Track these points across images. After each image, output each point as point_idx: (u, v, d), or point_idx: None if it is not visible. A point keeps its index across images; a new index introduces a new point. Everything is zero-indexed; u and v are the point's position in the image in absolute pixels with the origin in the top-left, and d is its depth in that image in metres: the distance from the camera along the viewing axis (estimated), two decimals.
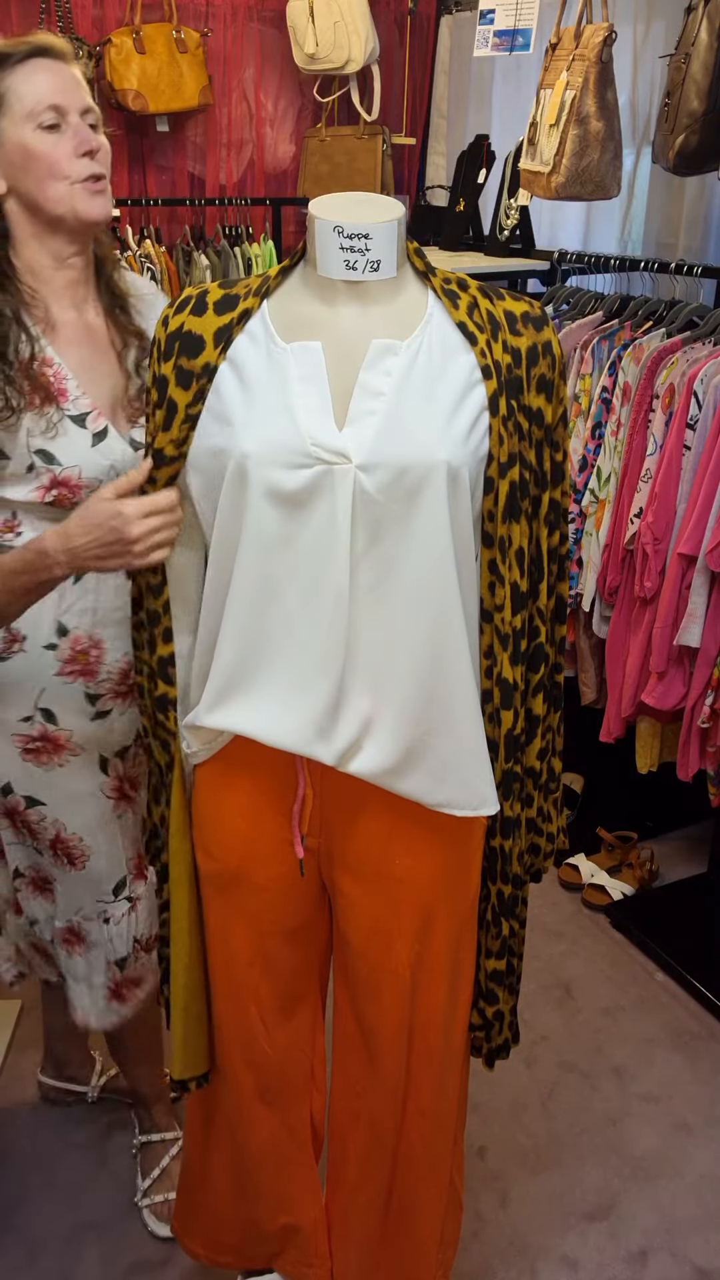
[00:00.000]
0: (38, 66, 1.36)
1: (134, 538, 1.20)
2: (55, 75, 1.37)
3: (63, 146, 1.36)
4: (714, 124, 2.17)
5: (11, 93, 1.36)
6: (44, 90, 1.35)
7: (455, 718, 1.22)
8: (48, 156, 1.36)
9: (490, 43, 2.75)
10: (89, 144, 1.36)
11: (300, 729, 1.21)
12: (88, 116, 1.39)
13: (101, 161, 1.39)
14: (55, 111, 1.36)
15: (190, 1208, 1.60)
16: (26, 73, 1.36)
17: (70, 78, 1.39)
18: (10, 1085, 2.10)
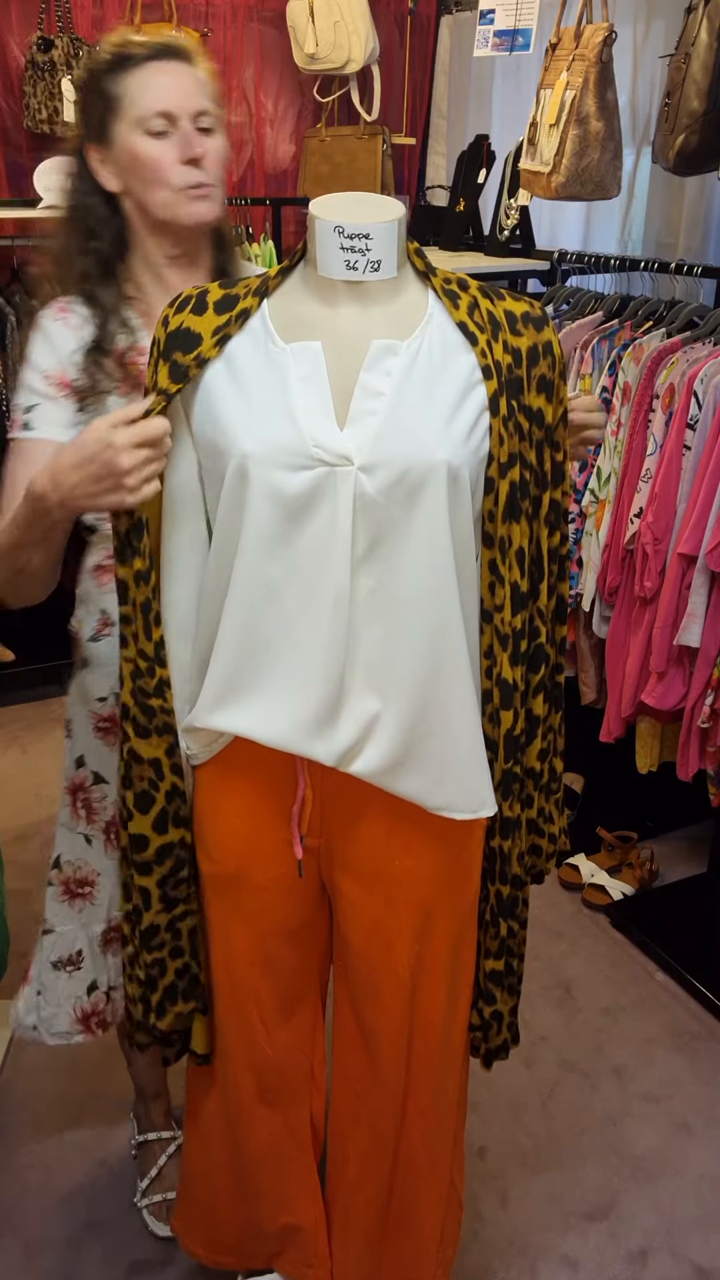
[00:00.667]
0: (155, 70, 1.35)
1: (125, 469, 1.15)
2: (171, 79, 1.35)
3: (168, 154, 1.35)
4: (714, 124, 2.17)
5: (126, 96, 1.35)
6: (156, 96, 1.34)
7: (454, 720, 1.22)
8: (152, 163, 1.35)
9: (490, 43, 2.75)
10: (192, 151, 1.34)
11: (300, 730, 1.21)
12: (201, 120, 1.36)
13: (208, 167, 1.37)
14: (164, 118, 1.34)
15: (190, 1208, 1.60)
16: (143, 77, 1.34)
17: (188, 81, 1.36)
18: (10, 1085, 2.10)
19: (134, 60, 1.35)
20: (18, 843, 2.85)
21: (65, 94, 3.16)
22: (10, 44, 3.29)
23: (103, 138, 1.38)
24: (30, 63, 3.14)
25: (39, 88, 3.16)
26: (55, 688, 3.64)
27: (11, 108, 3.35)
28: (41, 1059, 2.15)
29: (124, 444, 1.15)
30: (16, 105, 3.32)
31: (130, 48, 1.35)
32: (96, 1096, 2.07)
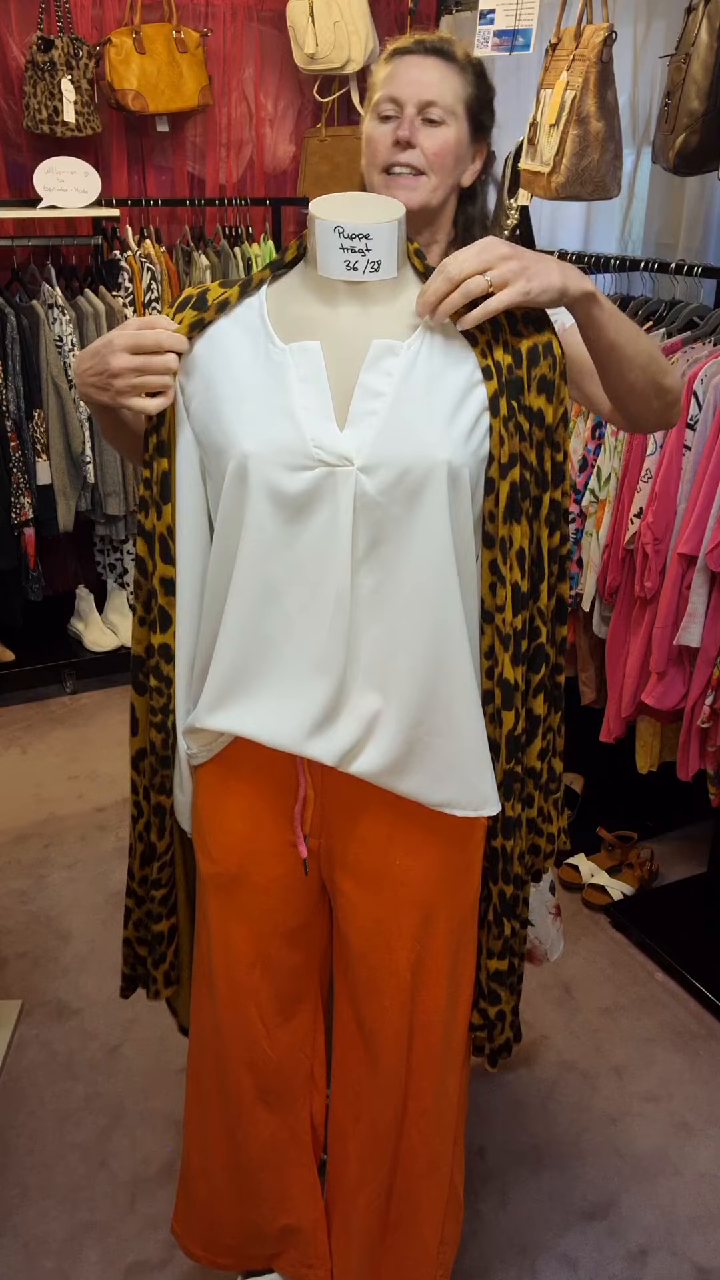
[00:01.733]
0: (404, 63, 1.38)
1: (114, 370, 1.15)
2: (414, 71, 1.36)
3: (386, 136, 1.37)
4: (714, 124, 2.17)
5: (375, 83, 1.40)
6: (391, 84, 1.37)
7: (456, 718, 1.22)
8: (371, 140, 1.39)
9: (490, 43, 2.75)
10: (400, 130, 1.35)
11: (301, 730, 1.21)
12: (430, 110, 1.36)
13: (418, 156, 1.35)
14: (393, 103, 1.36)
15: (190, 1209, 1.60)
16: (391, 67, 1.38)
17: (431, 75, 1.36)
18: (10, 1085, 2.10)
19: (394, 54, 1.39)
20: (18, 843, 2.85)
21: (65, 94, 3.16)
22: (10, 44, 3.29)
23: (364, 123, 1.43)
24: (30, 63, 3.14)
25: (39, 88, 3.16)
26: (55, 688, 3.64)
27: (11, 108, 3.35)
28: (41, 1059, 2.15)
29: (119, 345, 1.15)
30: (16, 105, 3.32)
31: (400, 43, 1.39)
32: (96, 1096, 2.07)
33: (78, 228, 3.46)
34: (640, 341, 1.28)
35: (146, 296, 3.36)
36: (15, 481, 3.19)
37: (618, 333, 1.25)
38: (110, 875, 2.72)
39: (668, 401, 1.35)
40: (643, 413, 1.35)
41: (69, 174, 3.16)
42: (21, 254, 3.44)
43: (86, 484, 3.33)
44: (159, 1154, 1.96)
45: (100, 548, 3.70)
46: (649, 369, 1.29)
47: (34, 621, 3.59)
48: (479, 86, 1.41)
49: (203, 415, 1.20)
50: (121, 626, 3.71)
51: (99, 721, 3.49)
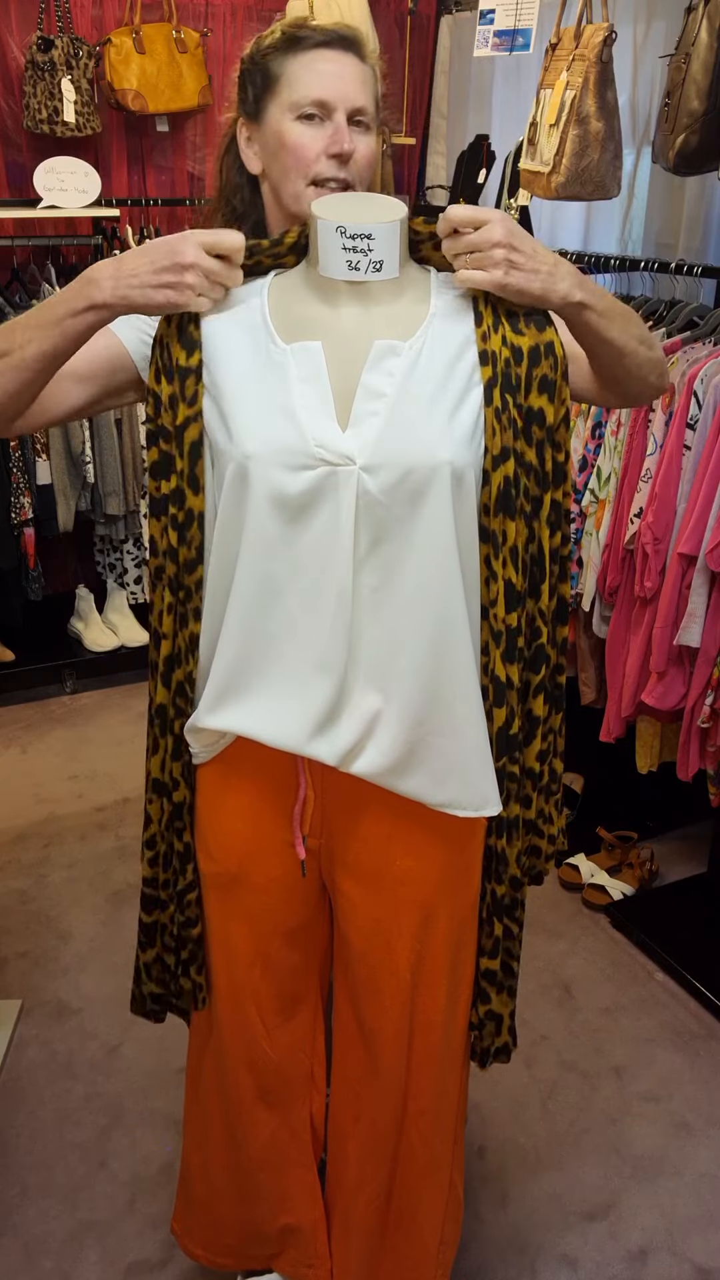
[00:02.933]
0: (322, 57, 1.25)
1: (189, 261, 1.11)
2: (337, 68, 1.25)
3: (316, 143, 1.25)
4: (714, 124, 2.17)
5: (285, 77, 1.26)
6: (316, 82, 1.25)
7: (457, 718, 1.22)
8: (296, 150, 1.25)
9: (490, 43, 2.75)
10: (341, 145, 1.24)
11: (302, 730, 1.21)
12: (357, 116, 1.26)
13: (354, 169, 1.26)
14: (319, 106, 1.25)
15: (190, 1208, 1.60)
16: (308, 61, 1.25)
17: (354, 74, 1.26)
18: (10, 1085, 2.10)
19: (304, 43, 1.26)
20: (18, 843, 2.85)
21: (65, 94, 3.16)
22: (10, 44, 3.29)
23: (256, 116, 1.31)
24: (30, 63, 3.14)
25: (39, 88, 3.16)
26: (55, 688, 3.64)
27: (11, 108, 3.35)
28: (41, 1059, 2.15)
29: (197, 241, 1.13)
30: (16, 105, 3.32)
31: (303, 30, 1.27)
32: (96, 1096, 2.07)
33: (78, 228, 3.46)
34: (631, 326, 1.25)
35: None
36: (15, 481, 3.19)
37: (609, 329, 1.22)
38: (110, 875, 2.72)
39: (659, 373, 1.32)
40: (639, 391, 1.33)
41: (69, 174, 3.16)
42: (21, 254, 3.44)
43: (86, 484, 3.33)
44: (159, 1154, 1.96)
45: (100, 548, 3.70)
46: (639, 353, 1.27)
47: (34, 621, 3.59)
48: (378, 86, 1.32)
49: (207, 415, 1.20)
50: (121, 626, 3.71)
51: (99, 721, 3.49)
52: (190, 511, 1.22)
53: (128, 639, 3.68)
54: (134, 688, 3.69)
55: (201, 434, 1.20)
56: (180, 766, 1.32)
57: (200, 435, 1.20)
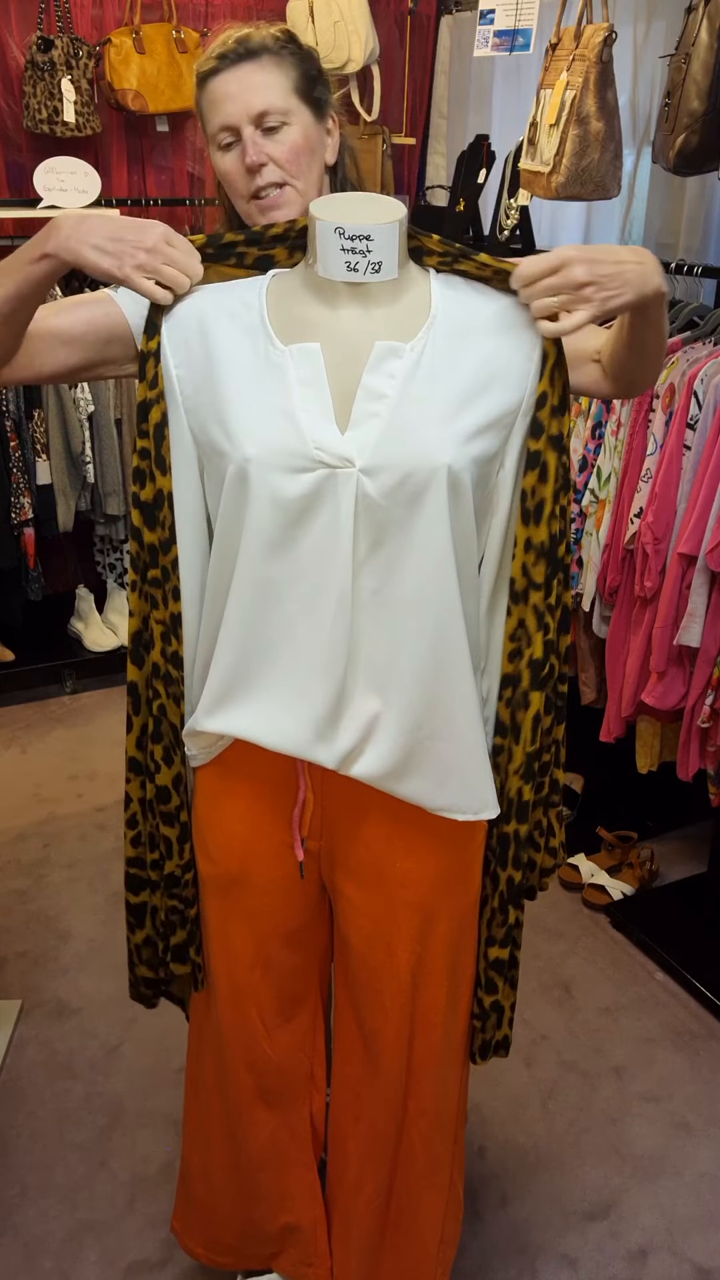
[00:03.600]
0: (217, 84, 1.31)
1: (149, 244, 1.15)
2: (232, 88, 1.30)
3: (236, 165, 1.33)
4: (714, 124, 2.17)
5: (202, 115, 1.35)
6: (217, 112, 1.31)
7: (456, 721, 1.22)
8: (227, 176, 1.35)
9: (490, 43, 2.75)
10: (246, 157, 1.30)
11: (301, 733, 1.20)
12: (265, 120, 1.30)
13: (273, 170, 1.31)
14: (229, 131, 1.31)
15: (190, 1208, 1.60)
16: (208, 94, 1.32)
17: (250, 83, 1.30)
18: (10, 1085, 2.10)
19: (203, 78, 1.32)
20: (18, 843, 2.85)
21: (65, 94, 3.16)
22: (10, 44, 3.29)
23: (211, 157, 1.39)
24: (30, 63, 3.14)
25: (39, 88, 3.15)
26: (55, 688, 3.64)
27: (11, 108, 3.35)
28: (41, 1058, 2.15)
29: (162, 230, 1.17)
30: (16, 105, 3.32)
31: (204, 65, 1.32)
32: (96, 1096, 2.07)
33: None
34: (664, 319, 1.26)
35: None
36: (15, 481, 3.19)
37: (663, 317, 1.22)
38: (110, 875, 2.72)
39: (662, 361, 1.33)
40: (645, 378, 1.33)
41: (69, 174, 3.16)
42: None
43: (86, 484, 3.33)
44: (159, 1154, 1.96)
45: (100, 547, 3.70)
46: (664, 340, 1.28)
47: (34, 621, 3.59)
48: (301, 63, 1.33)
49: (201, 414, 1.20)
50: (121, 626, 3.71)
51: (99, 721, 3.49)
52: (160, 492, 1.21)
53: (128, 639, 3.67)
54: None
55: (164, 416, 1.21)
56: (161, 750, 1.31)
57: (163, 417, 1.20)
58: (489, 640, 1.29)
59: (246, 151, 1.30)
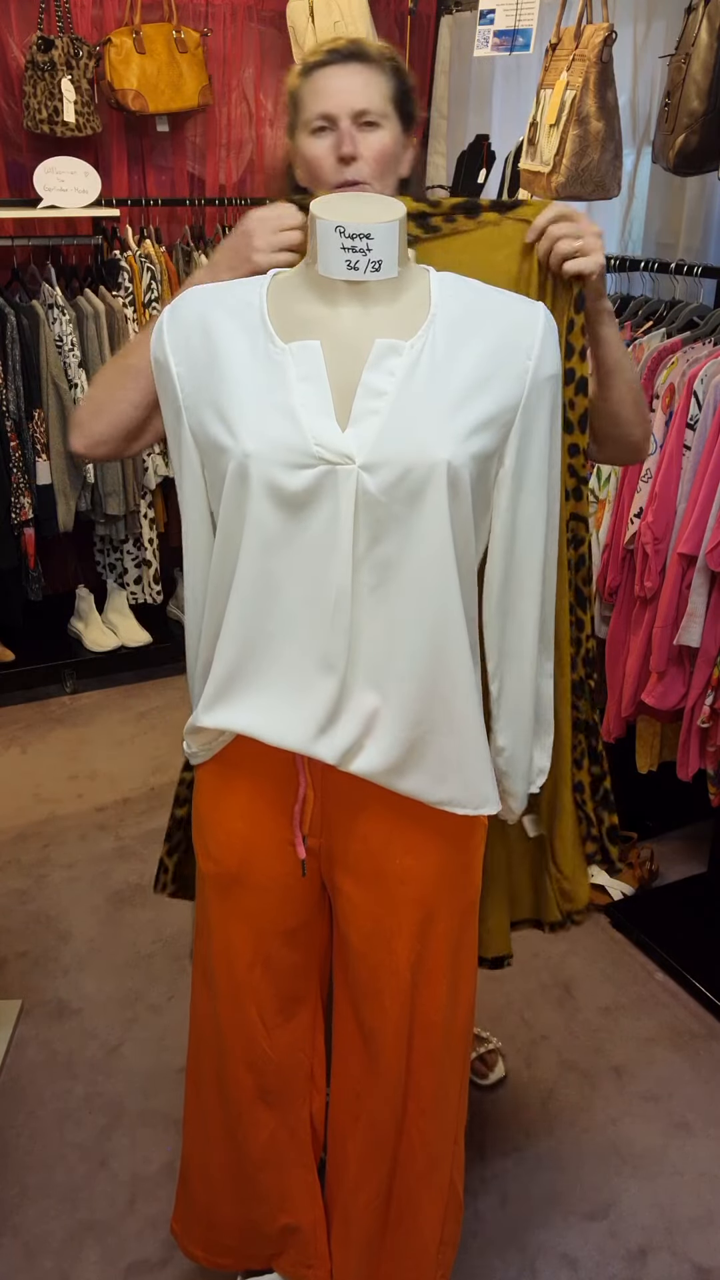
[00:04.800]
0: (325, 75, 1.40)
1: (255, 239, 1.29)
2: (338, 81, 1.40)
3: (326, 151, 1.41)
4: (714, 124, 2.17)
5: (301, 99, 1.44)
6: (319, 99, 1.40)
7: (456, 716, 1.22)
8: (313, 161, 1.43)
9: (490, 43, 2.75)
10: (342, 147, 1.39)
11: (302, 728, 1.21)
12: (363, 118, 1.40)
13: (363, 166, 1.40)
14: (325, 119, 1.40)
15: (190, 1209, 1.60)
16: (313, 81, 1.41)
17: (355, 82, 1.40)
18: (10, 1085, 2.10)
19: (311, 67, 1.42)
20: (18, 843, 2.85)
21: (65, 94, 3.16)
22: (10, 44, 3.29)
23: (293, 138, 1.48)
24: (30, 63, 3.14)
25: (39, 88, 3.16)
26: (55, 688, 3.64)
27: (11, 108, 3.35)
28: (41, 1059, 2.15)
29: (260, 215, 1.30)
30: (16, 105, 3.32)
31: (313, 56, 1.42)
32: (96, 1096, 2.07)
33: (78, 228, 3.46)
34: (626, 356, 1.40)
35: (146, 296, 3.36)
36: (15, 481, 3.19)
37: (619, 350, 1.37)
38: (110, 875, 2.72)
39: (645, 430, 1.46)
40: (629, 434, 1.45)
41: (69, 174, 3.16)
42: (21, 254, 3.44)
43: (86, 484, 3.33)
44: (159, 1154, 1.96)
45: (100, 548, 3.70)
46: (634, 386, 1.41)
47: (34, 621, 3.59)
48: (400, 79, 1.43)
49: (201, 412, 1.20)
50: (121, 626, 3.71)
51: (99, 721, 3.49)
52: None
53: (128, 639, 3.68)
54: (134, 688, 3.70)
55: None
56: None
57: None
58: (502, 637, 1.29)
59: (342, 142, 1.39)
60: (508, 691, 1.31)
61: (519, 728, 1.33)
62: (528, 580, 1.27)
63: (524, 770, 1.36)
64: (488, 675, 1.31)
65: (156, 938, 2.50)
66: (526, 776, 1.37)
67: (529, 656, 1.30)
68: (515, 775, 1.35)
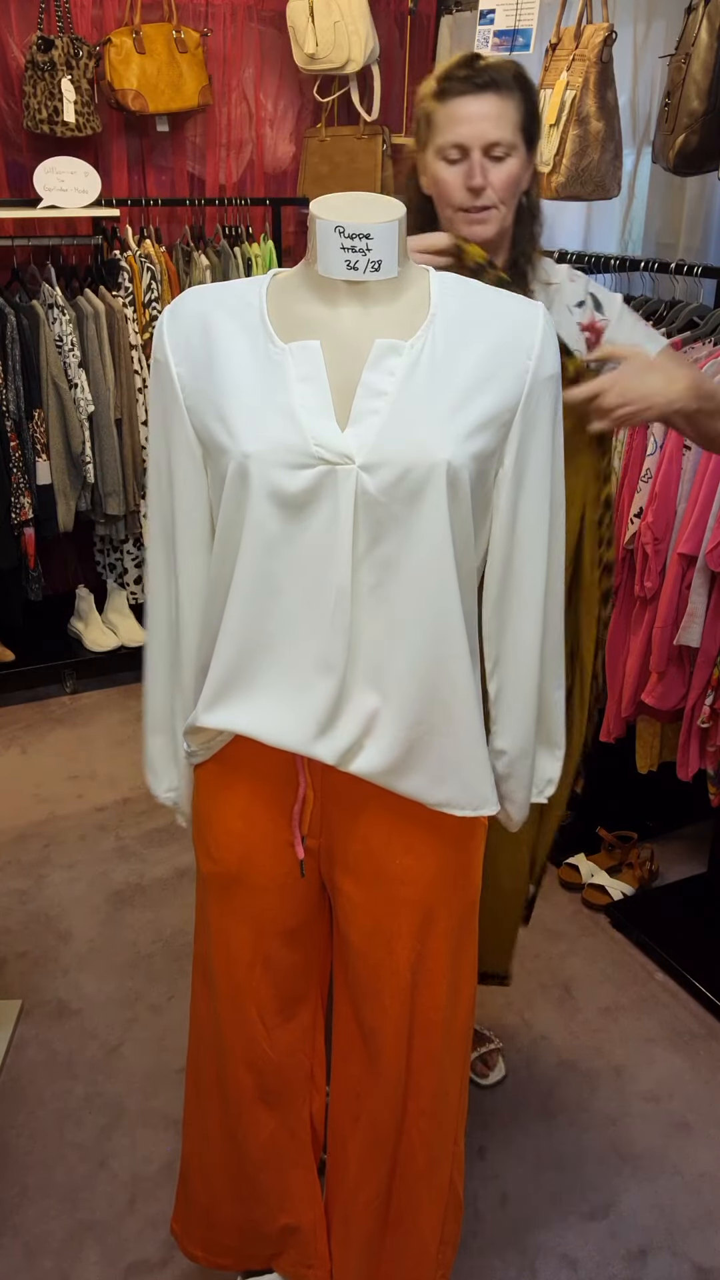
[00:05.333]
0: (461, 104, 1.48)
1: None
2: (472, 110, 1.48)
3: (456, 179, 1.52)
4: (714, 124, 2.17)
5: (435, 123, 1.52)
6: (454, 130, 1.49)
7: (455, 717, 1.22)
8: (443, 185, 1.54)
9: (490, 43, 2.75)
10: (473, 179, 1.50)
11: (301, 728, 1.21)
12: (495, 150, 1.50)
13: (490, 194, 1.51)
14: (459, 149, 1.50)
15: (189, 1209, 1.60)
16: (450, 110, 1.49)
17: (490, 112, 1.48)
18: (10, 1085, 2.10)
19: (449, 93, 1.49)
20: (18, 843, 2.85)
21: (65, 94, 3.16)
22: (10, 44, 3.29)
23: (423, 151, 1.57)
24: (30, 63, 3.15)
25: (39, 88, 3.16)
26: (55, 688, 3.64)
27: (11, 108, 3.35)
28: (41, 1059, 2.15)
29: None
30: (16, 105, 3.32)
31: (452, 79, 1.49)
32: (96, 1096, 2.07)
33: (78, 228, 3.46)
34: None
35: (146, 296, 3.36)
36: (15, 481, 3.19)
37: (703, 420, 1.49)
38: (110, 875, 2.72)
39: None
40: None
41: (69, 174, 3.16)
42: (21, 254, 3.44)
43: (86, 484, 3.33)
44: (159, 1154, 1.96)
45: (100, 548, 3.70)
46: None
47: (34, 621, 3.59)
48: (528, 103, 1.51)
49: (201, 411, 1.20)
50: (121, 626, 3.71)
51: (99, 721, 3.49)
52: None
53: (128, 639, 3.68)
54: (134, 688, 3.69)
55: None
56: None
57: None
58: (501, 638, 1.29)
59: (473, 173, 1.50)
60: (507, 694, 1.31)
61: (520, 732, 1.32)
62: (528, 582, 1.27)
63: (526, 777, 1.35)
64: (487, 675, 1.31)
65: (156, 938, 2.50)
66: (529, 784, 1.36)
67: (529, 659, 1.29)
68: (517, 781, 1.34)
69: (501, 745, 1.32)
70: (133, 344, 3.33)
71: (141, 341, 3.34)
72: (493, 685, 1.30)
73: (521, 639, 1.29)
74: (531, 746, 1.34)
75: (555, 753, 1.40)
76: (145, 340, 3.34)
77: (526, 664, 1.30)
